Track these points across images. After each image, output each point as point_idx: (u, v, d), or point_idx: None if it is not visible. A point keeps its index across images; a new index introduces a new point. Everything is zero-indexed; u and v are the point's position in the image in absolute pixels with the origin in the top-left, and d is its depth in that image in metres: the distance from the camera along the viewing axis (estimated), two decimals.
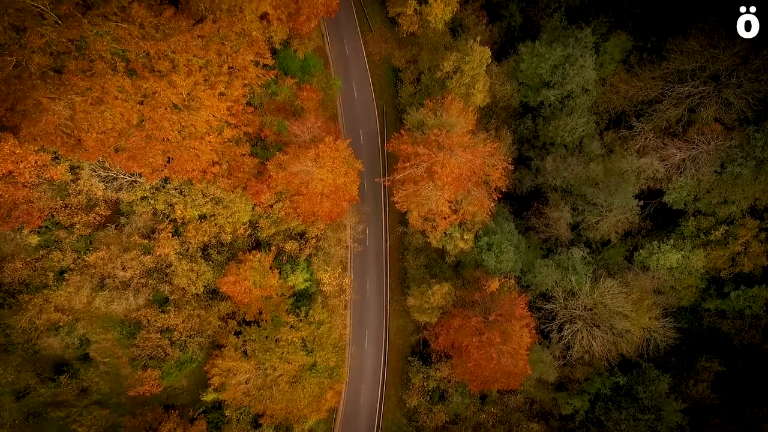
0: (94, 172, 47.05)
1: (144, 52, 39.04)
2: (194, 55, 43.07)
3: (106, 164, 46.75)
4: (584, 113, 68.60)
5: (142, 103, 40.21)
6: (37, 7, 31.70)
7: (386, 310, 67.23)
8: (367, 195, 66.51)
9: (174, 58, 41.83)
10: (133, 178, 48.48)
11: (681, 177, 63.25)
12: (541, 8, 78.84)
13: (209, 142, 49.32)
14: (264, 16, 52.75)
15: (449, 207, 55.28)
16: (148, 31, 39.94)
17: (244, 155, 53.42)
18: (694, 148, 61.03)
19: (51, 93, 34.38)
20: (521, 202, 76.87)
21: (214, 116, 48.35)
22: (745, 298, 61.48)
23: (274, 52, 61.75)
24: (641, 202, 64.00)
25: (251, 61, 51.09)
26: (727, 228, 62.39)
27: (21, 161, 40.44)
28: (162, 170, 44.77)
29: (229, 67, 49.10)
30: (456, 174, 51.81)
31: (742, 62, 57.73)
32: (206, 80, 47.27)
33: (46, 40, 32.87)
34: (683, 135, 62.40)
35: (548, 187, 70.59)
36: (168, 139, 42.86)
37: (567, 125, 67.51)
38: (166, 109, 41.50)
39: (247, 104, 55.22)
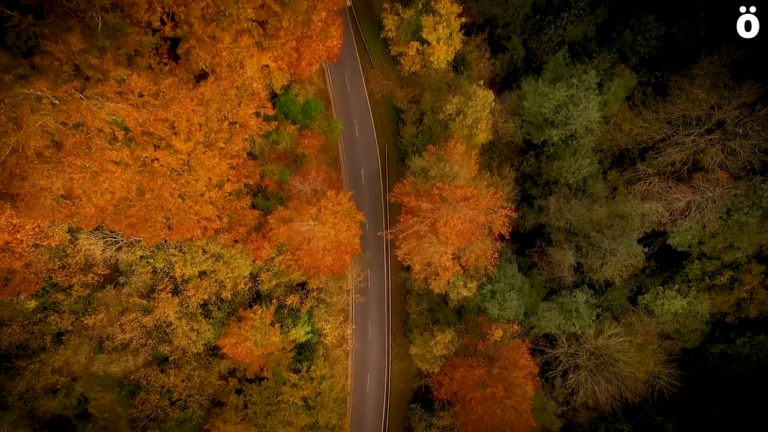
0: (92, 233, 46.29)
1: (143, 120, 38.32)
2: (193, 110, 42.32)
3: (106, 229, 46.04)
4: (588, 153, 67.94)
5: (141, 171, 39.48)
6: (35, 93, 30.92)
7: (388, 353, 66.56)
8: (369, 238, 65.74)
9: (174, 121, 41.13)
10: (132, 239, 47.78)
11: (686, 221, 62.61)
12: (544, 41, 78.24)
13: (209, 197, 48.63)
14: (265, 66, 52.00)
15: (452, 259, 54.63)
16: (147, 99, 39.22)
17: (244, 208, 52.73)
18: (699, 194, 60.36)
19: (48, 174, 33.68)
20: (524, 240, 76.21)
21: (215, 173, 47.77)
22: (751, 345, 60.89)
23: (273, 96, 61.10)
24: (646, 249, 63.34)
25: (252, 113, 50.49)
26: (733, 273, 61.77)
27: (18, 231, 39.73)
28: (162, 235, 44.04)
29: (230, 123, 48.47)
30: (459, 229, 51.14)
31: (748, 111, 57.08)
32: (206, 137, 46.65)
33: (42, 124, 32.11)
34: (688, 180, 61.73)
35: (552, 227, 69.94)
36: (169, 208, 42.15)
37: (570, 166, 66.82)
38: (166, 176, 40.76)
39: (247, 155, 54.56)
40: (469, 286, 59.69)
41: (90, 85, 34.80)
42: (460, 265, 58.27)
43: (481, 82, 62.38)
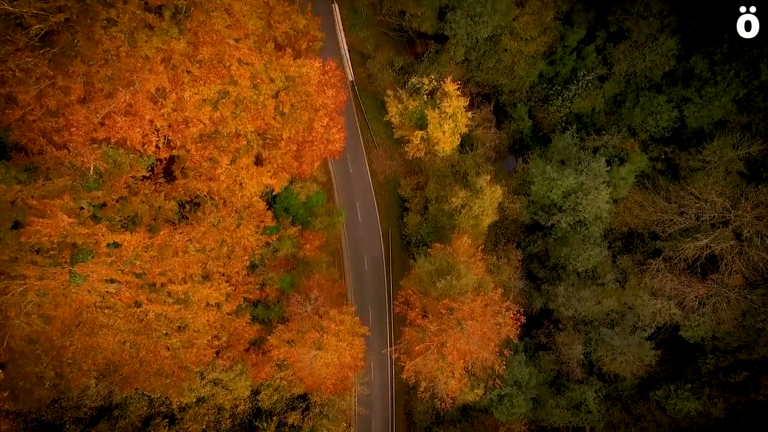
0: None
1: (134, 293, 36.37)
2: (191, 259, 40.36)
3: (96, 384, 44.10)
4: (598, 241, 66.05)
5: (135, 330, 37.53)
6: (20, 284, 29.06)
7: None
8: (372, 339, 63.57)
9: (169, 271, 39.18)
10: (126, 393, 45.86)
11: (700, 316, 60.75)
12: (551, 111, 76.31)
13: (207, 320, 46.67)
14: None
15: (459, 378, 52.72)
16: (140, 254, 37.25)
17: (244, 325, 50.77)
18: (714, 293, 58.48)
19: (39, 360, 31.79)
20: (532, 320, 74.23)
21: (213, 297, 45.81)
22: None
23: (272, 192, 59.10)
24: (659, 352, 61.47)
25: (252, 231, 48.52)
26: (748, 374, 59.93)
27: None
28: (157, 384, 42.10)
29: (228, 253, 46.46)
30: (466, 350, 49.32)
31: (766, 212, 55.18)
32: (204, 268, 44.74)
33: (27, 312, 30.24)
34: (702, 278, 59.83)
35: (560, 313, 68.04)
36: (165, 356, 40.20)
37: (579, 255, 64.92)
38: (161, 329, 38.84)
39: (247, 268, 52.57)
40: (476, 391, 57.81)
41: (79, 258, 32.85)
42: (466, 369, 56.43)
43: (489, 178, 60.16)
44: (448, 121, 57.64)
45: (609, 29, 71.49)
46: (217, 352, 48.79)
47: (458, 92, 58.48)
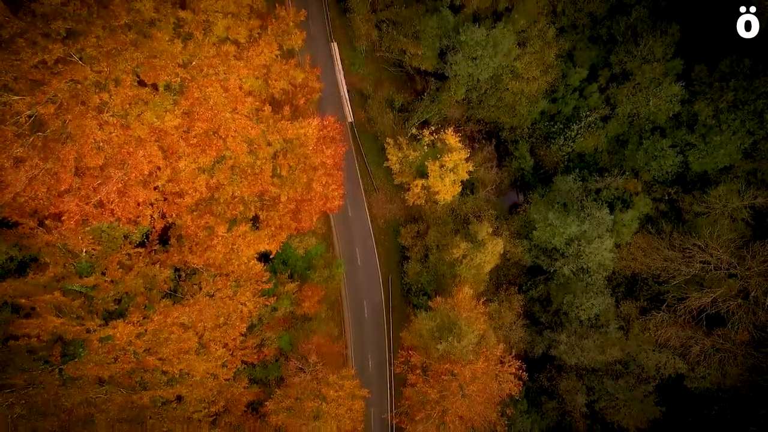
0: None
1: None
2: (186, 344, 39.41)
3: None
4: (601, 289, 65.04)
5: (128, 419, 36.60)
6: None
7: None
8: (371, 389, 62.44)
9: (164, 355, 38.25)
10: None
11: (705, 368, 59.79)
12: (553, 150, 75.34)
13: (203, 392, 45.73)
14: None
15: None
16: (133, 341, 36.30)
17: (242, 391, 49.80)
18: (719, 348, 57.53)
19: None
20: (533, 363, 73.20)
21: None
22: None
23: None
24: (664, 408, 60.49)
25: (249, 296, 47.56)
26: (755, 429, 58.91)
27: None
28: None
29: (224, 321, 45.51)
30: (468, 416, 48.43)
31: None
32: (200, 338, 43.80)
33: None
34: (708, 330, 58.87)
35: (563, 361, 67.06)
36: None
37: (582, 303, 64.00)
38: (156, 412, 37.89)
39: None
40: None
41: (70, 352, 31.90)
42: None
43: (490, 230, 59.22)
44: (449, 174, 56.61)
45: (612, 69, 70.60)
46: (214, 420, 47.82)
47: (459, 143, 57.47)
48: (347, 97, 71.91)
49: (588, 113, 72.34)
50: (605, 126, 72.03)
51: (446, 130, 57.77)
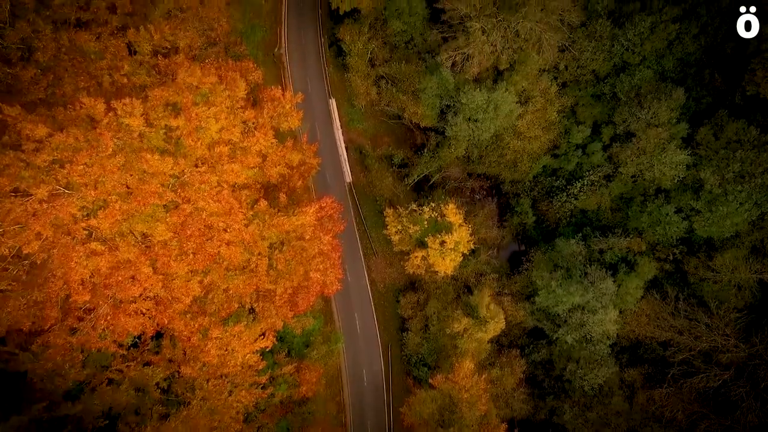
0: None
1: None
2: None
3: None
4: (605, 358, 63.76)
5: None
6: None
7: None
8: None
9: None
10: None
11: None
12: (555, 207, 74.08)
13: None
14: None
15: None
16: None
17: None
18: (728, 426, 56.26)
19: None
20: (536, 429, 71.92)
21: None
22: None
23: None
24: None
25: (245, 393, 46.25)
26: None
27: None
28: None
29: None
30: None
31: None
32: None
33: None
34: (716, 411, 57.53)
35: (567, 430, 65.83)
36: None
37: (586, 374, 62.79)
38: None
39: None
40: None
41: None
42: None
43: (492, 306, 57.92)
44: (450, 253, 55.32)
45: (616, 128, 69.30)
46: None
47: (460, 219, 56.13)
48: (346, 156, 70.63)
49: (590, 170, 71.11)
50: (608, 185, 70.70)
51: (447, 205, 56.36)
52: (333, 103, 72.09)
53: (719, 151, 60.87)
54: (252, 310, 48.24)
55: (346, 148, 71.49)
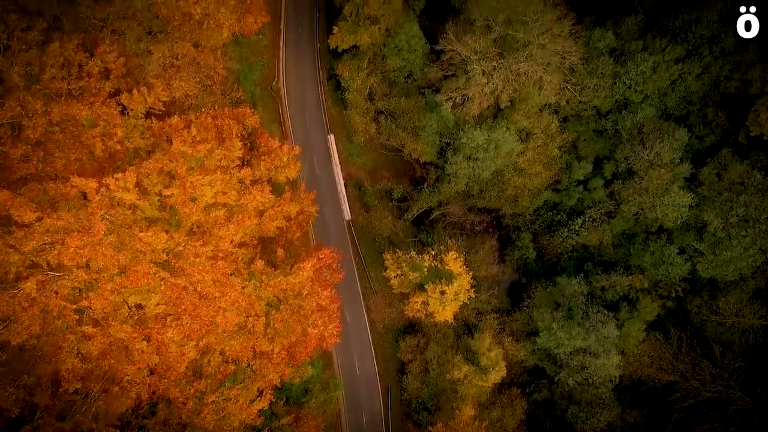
0: None
1: None
2: None
3: None
4: (608, 402, 63.00)
5: None
6: None
7: None
8: None
9: None
10: None
11: None
12: (556, 242, 73.22)
13: None
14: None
15: None
16: None
17: None
18: None
19: None
20: None
21: None
22: None
23: None
24: None
25: None
26: None
27: None
28: None
29: None
30: None
31: None
32: None
33: None
34: None
35: None
36: None
37: (588, 418, 62.03)
38: None
39: None
40: None
41: None
42: None
43: (492, 354, 57.15)
44: (450, 303, 54.56)
45: (618, 166, 68.51)
46: None
47: (461, 268, 55.33)
48: (344, 193, 69.81)
49: (592, 206, 70.30)
50: (610, 221, 69.85)
51: (447, 253, 55.56)
52: (332, 138, 71.31)
53: (722, 192, 60.09)
54: (249, 366, 47.40)
55: (345, 184, 70.69)
